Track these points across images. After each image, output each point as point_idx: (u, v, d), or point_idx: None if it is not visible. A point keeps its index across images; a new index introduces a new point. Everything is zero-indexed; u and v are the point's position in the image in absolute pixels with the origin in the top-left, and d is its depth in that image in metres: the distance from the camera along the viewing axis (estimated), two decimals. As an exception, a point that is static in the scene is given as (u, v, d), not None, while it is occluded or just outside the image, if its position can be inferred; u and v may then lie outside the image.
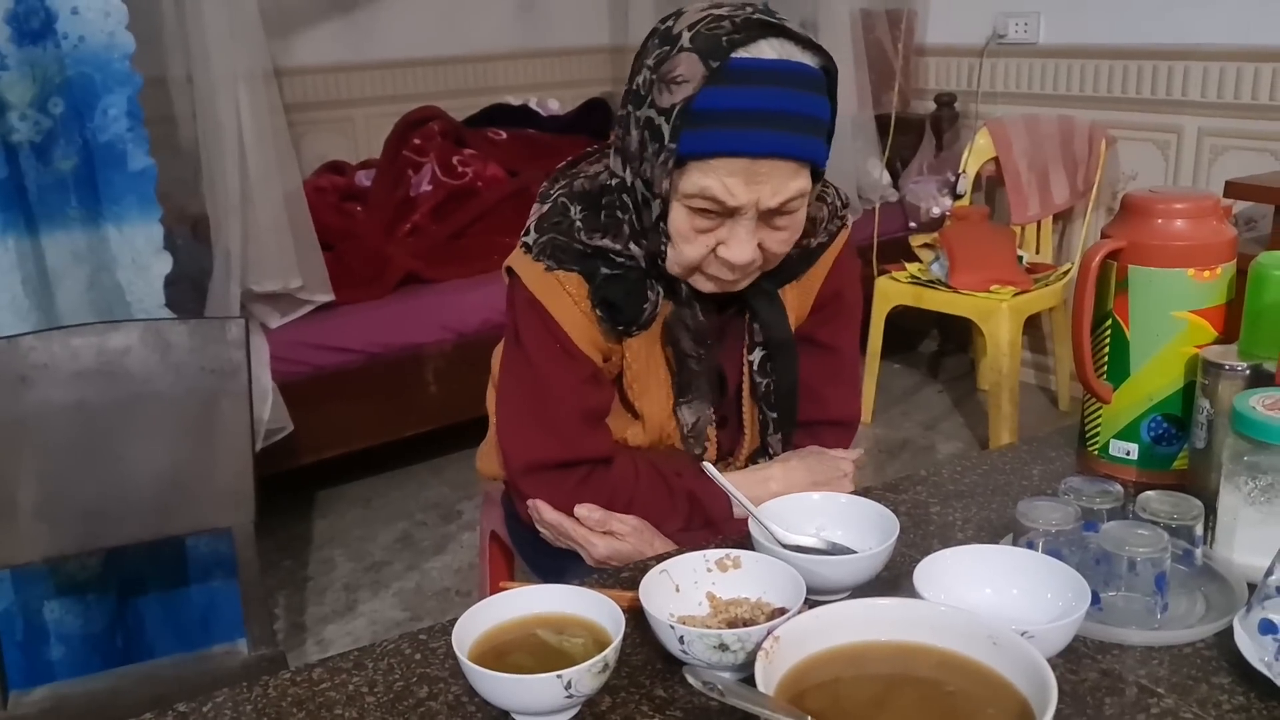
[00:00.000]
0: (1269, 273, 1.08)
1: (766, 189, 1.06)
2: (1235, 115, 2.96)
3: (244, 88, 2.44)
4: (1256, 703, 0.83)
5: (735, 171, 1.04)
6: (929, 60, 3.76)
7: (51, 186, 1.73)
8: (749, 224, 1.08)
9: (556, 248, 1.17)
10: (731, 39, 1.03)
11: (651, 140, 1.07)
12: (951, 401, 3.59)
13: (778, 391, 1.27)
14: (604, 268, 1.17)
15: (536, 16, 4.31)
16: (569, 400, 1.20)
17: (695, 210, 1.08)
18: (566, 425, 1.20)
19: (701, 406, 1.24)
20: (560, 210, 1.19)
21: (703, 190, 1.06)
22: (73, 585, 1.82)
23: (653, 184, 1.09)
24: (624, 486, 1.22)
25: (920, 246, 3.48)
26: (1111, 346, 1.17)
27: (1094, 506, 1.00)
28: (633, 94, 1.11)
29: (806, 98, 1.06)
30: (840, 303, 1.31)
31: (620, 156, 1.15)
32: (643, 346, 1.22)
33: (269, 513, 1.56)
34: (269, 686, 0.91)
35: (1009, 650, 0.75)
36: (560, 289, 1.17)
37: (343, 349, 2.75)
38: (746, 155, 1.03)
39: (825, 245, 1.27)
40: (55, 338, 1.43)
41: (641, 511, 1.21)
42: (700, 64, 1.03)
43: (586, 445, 1.21)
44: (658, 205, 1.10)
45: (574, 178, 1.21)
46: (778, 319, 1.23)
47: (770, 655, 0.75)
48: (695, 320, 1.19)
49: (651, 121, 1.07)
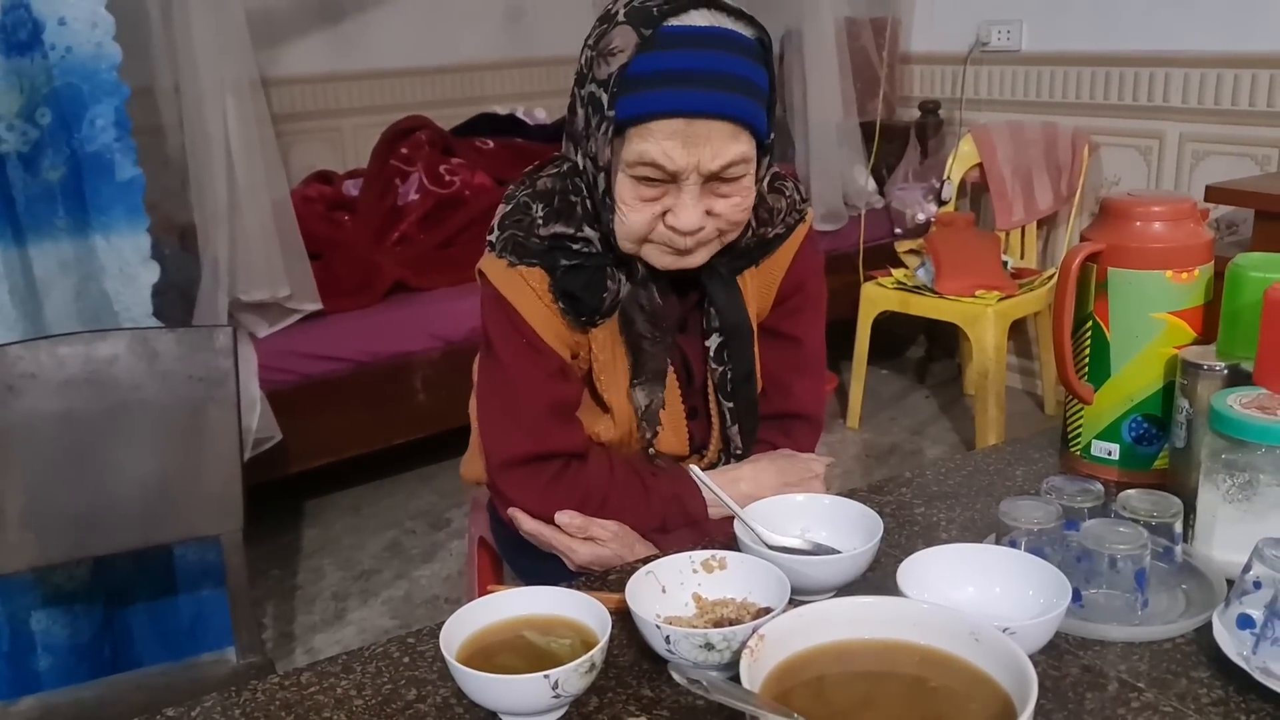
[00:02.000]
0: (1246, 274, 1.09)
1: (706, 151, 1.07)
2: (1216, 121, 2.98)
3: (231, 98, 2.44)
4: (1235, 696, 0.84)
5: (672, 134, 1.06)
6: (913, 68, 3.79)
7: (39, 196, 1.74)
8: (693, 189, 1.10)
9: (517, 243, 1.19)
10: (662, 9, 1.07)
11: (594, 113, 1.10)
12: (939, 406, 3.61)
13: (734, 379, 1.27)
14: (563, 259, 1.18)
15: (523, 26, 4.32)
16: (537, 394, 1.21)
17: (639, 179, 1.10)
18: (535, 419, 1.21)
19: (655, 389, 1.24)
20: (522, 209, 1.20)
21: (642, 156, 1.08)
22: (60, 595, 1.81)
23: (597, 158, 1.11)
24: (599, 484, 1.23)
25: (906, 252, 3.50)
26: (1092, 348, 1.18)
27: (1075, 505, 1.02)
28: (578, 75, 1.14)
29: (738, 60, 1.08)
30: (804, 296, 1.32)
31: (571, 139, 1.18)
32: (607, 337, 1.24)
33: (257, 522, 1.56)
34: (257, 691, 0.91)
35: (991, 646, 0.76)
36: (524, 284, 1.19)
37: (331, 358, 2.74)
38: (680, 115, 1.06)
39: (784, 237, 1.28)
40: (42, 347, 1.43)
41: (617, 508, 1.22)
42: (633, 33, 1.07)
43: (556, 439, 1.22)
44: (603, 178, 1.12)
45: (537, 178, 1.23)
46: (733, 302, 1.24)
47: (755, 653, 0.76)
48: (651, 301, 1.20)
49: (593, 95, 1.10)
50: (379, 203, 3.31)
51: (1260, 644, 0.85)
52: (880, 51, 3.68)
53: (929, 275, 3.17)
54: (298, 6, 3.77)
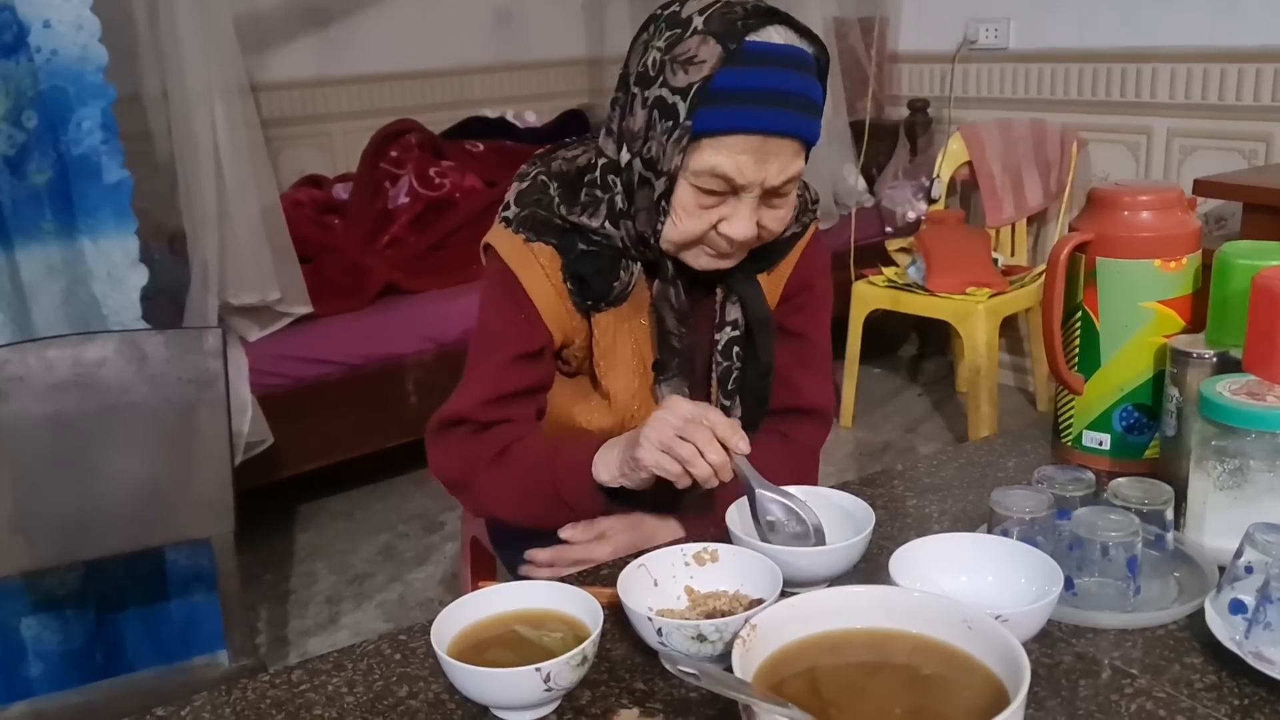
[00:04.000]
0: (1233, 262, 1.10)
1: (773, 168, 1.10)
2: (1203, 116, 2.99)
3: (219, 102, 2.43)
4: (1228, 680, 0.84)
5: (747, 150, 1.09)
6: (902, 67, 3.80)
7: (26, 200, 1.73)
8: (751, 201, 1.12)
9: (537, 221, 1.21)
10: (746, 23, 1.09)
11: (663, 118, 1.10)
12: (931, 404, 3.61)
13: (754, 372, 1.28)
14: (580, 244, 1.20)
15: (513, 30, 4.32)
16: (502, 369, 1.23)
17: (702, 189, 1.12)
18: (486, 390, 1.23)
19: (679, 384, 1.25)
20: (540, 187, 1.22)
21: (713, 168, 1.09)
22: (51, 601, 1.80)
23: (657, 161, 1.12)
24: (500, 439, 1.23)
25: (897, 251, 3.51)
26: (1082, 338, 1.18)
27: (1067, 494, 1.02)
28: (640, 75, 1.14)
29: (808, 80, 1.11)
30: (810, 294, 1.33)
31: (615, 137, 1.18)
32: (611, 323, 1.25)
33: (250, 527, 1.56)
34: (248, 689, 0.91)
35: (983, 633, 0.76)
36: (534, 260, 1.21)
37: (323, 361, 2.74)
38: (760, 133, 1.08)
39: (798, 236, 1.30)
40: (30, 350, 1.42)
41: (513, 463, 1.21)
42: (718, 45, 1.08)
43: (493, 412, 1.23)
44: (662, 183, 1.13)
45: (551, 161, 1.25)
46: (756, 296, 1.26)
47: (747, 644, 0.76)
48: (679, 299, 1.22)
49: (664, 100, 1.10)
50: (369, 206, 3.31)
51: (1252, 629, 0.85)
52: (869, 51, 3.69)
53: (920, 273, 3.18)
54: (286, 11, 3.77)
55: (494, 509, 1.27)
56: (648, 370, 1.27)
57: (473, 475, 1.24)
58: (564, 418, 1.31)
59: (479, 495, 1.26)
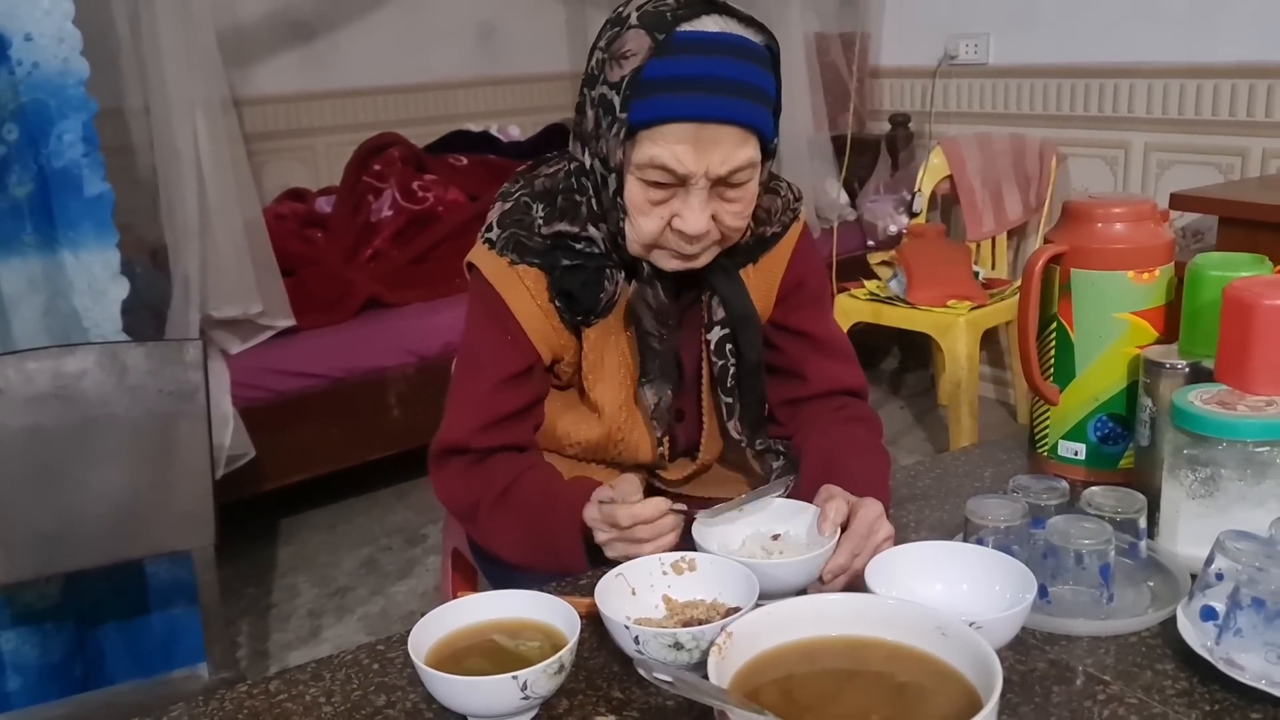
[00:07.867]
0: (1205, 273, 1.11)
1: (715, 156, 1.09)
2: (1180, 130, 3.03)
3: (201, 116, 2.43)
4: (1199, 686, 0.85)
5: (684, 139, 1.08)
6: (883, 81, 3.83)
7: (6, 213, 1.72)
8: (701, 193, 1.11)
9: (519, 242, 1.21)
10: (675, 14, 1.09)
11: (605, 115, 1.11)
12: (913, 417, 3.63)
13: (740, 370, 1.27)
14: (564, 258, 1.20)
15: (496, 44, 4.33)
16: (492, 392, 1.22)
17: (648, 183, 1.11)
18: (480, 414, 1.22)
19: (662, 386, 1.25)
20: (522, 208, 1.22)
21: (653, 159, 1.09)
22: (31, 614, 1.79)
23: (608, 159, 1.12)
24: (501, 476, 1.22)
25: (878, 264, 3.53)
26: (1057, 349, 1.20)
27: (1042, 503, 1.03)
28: (587, 76, 1.15)
29: (749, 67, 1.10)
30: (805, 292, 1.33)
31: (579, 140, 1.19)
32: (600, 335, 1.25)
33: (231, 540, 1.55)
34: (225, 700, 0.91)
35: (957, 640, 0.76)
36: (519, 282, 1.21)
37: (305, 374, 2.73)
38: (692, 120, 1.07)
39: (779, 235, 1.30)
40: (10, 362, 1.41)
41: (514, 505, 1.20)
42: (647, 37, 1.08)
43: (491, 437, 1.23)
44: (614, 180, 1.13)
45: (534, 179, 1.25)
46: (737, 293, 1.25)
47: (723, 651, 0.76)
48: (657, 299, 1.21)
49: (604, 97, 1.11)
50: (352, 219, 3.31)
51: (1223, 635, 0.86)
52: (850, 66, 3.72)
53: (901, 286, 3.19)
54: (270, 25, 3.77)
55: (498, 553, 1.25)
56: (634, 379, 1.27)
57: (475, 514, 1.23)
58: (552, 428, 1.31)
59: (482, 538, 1.26)
